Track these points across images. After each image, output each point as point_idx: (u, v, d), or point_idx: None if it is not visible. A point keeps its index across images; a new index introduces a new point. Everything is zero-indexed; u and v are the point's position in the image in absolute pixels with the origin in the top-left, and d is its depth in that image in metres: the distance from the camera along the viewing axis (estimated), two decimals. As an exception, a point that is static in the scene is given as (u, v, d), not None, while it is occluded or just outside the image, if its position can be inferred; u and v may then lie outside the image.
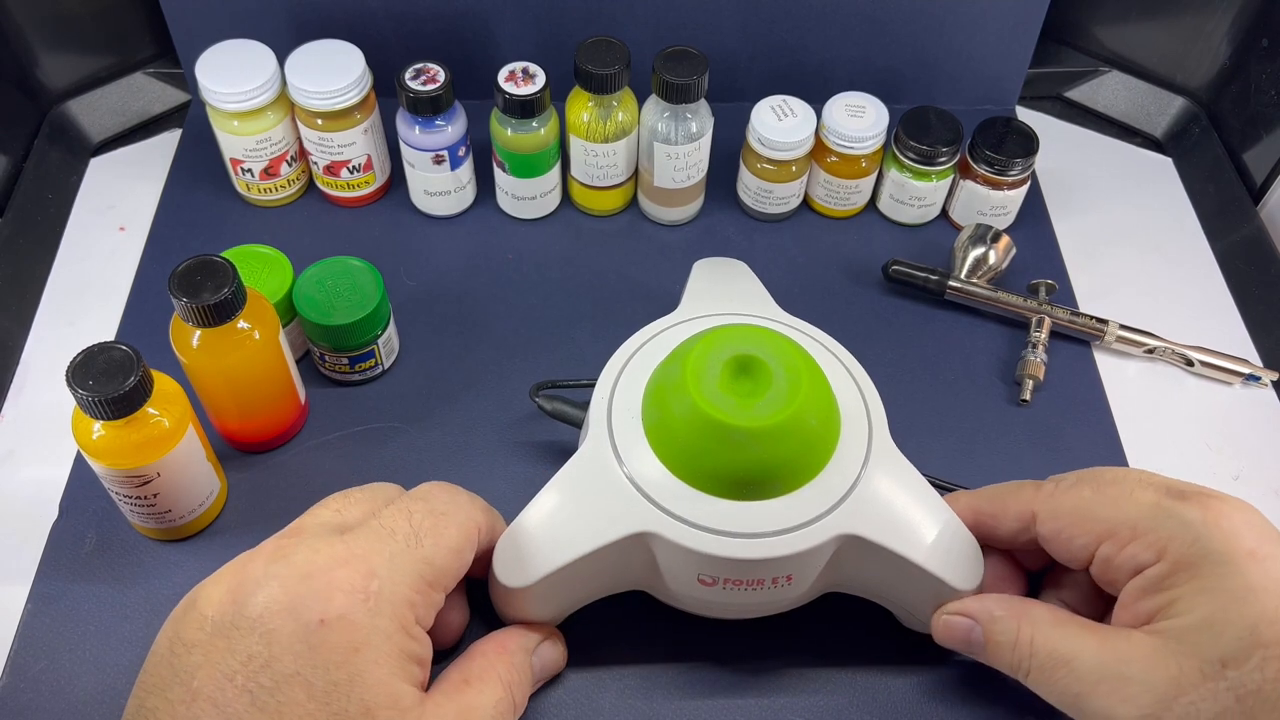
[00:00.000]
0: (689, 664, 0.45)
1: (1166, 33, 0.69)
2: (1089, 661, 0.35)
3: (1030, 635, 0.37)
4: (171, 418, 0.43)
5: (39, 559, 0.48)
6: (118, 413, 0.41)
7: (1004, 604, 0.39)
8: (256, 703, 0.30)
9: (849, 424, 0.41)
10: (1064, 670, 0.36)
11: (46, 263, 0.60)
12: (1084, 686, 0.35)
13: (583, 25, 0.63)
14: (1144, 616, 0.36)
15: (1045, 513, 0.40)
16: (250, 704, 0.30)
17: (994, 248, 0.58)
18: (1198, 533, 0.35)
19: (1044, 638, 0.37)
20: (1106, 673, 0.35)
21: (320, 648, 0.31)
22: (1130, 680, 0.34)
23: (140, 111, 0.68)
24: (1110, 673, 0.35)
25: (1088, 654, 0.35)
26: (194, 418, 0.45)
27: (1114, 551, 0.37)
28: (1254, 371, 0.56)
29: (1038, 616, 0.38)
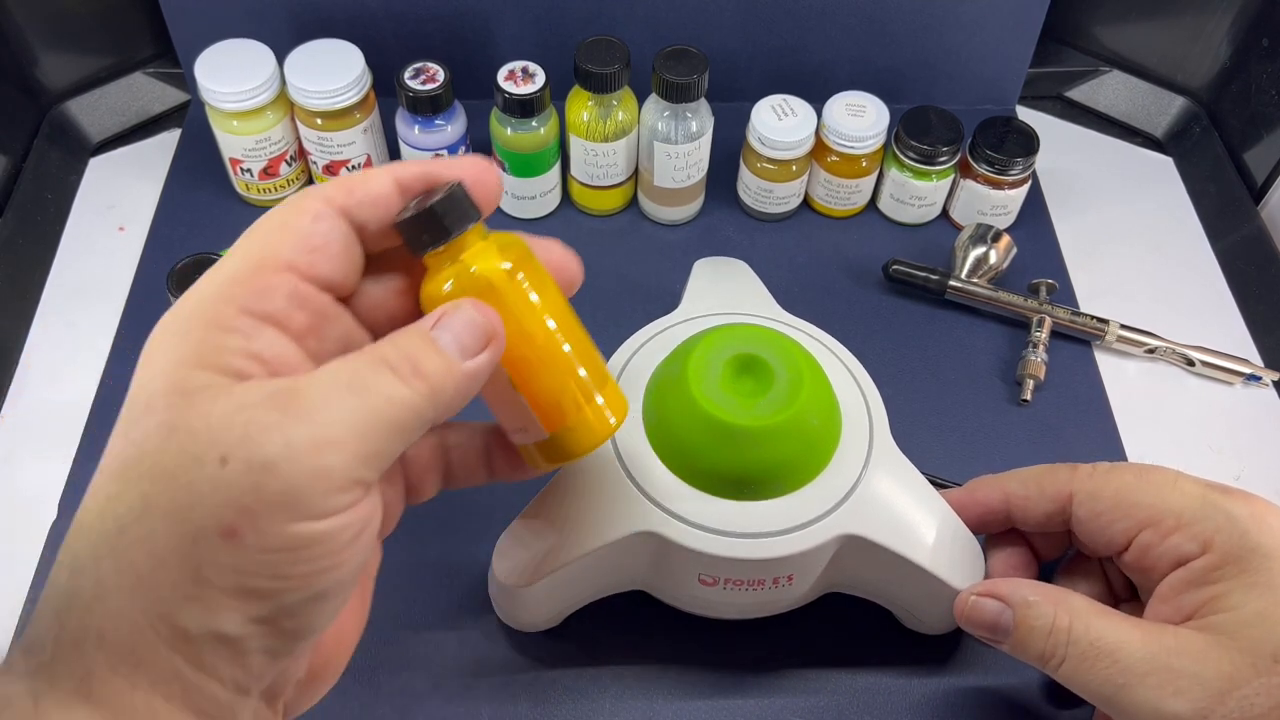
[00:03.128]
0: (689, 664, 0.45)
1: (1167, 32, 0.69)
2: (1136, 653, 0.35)
3: (1068, 622, 0.36)
4: None
5: (38, 559, 0.48)
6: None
7: (1039, 589, 0.38)
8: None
9: (850, 424, 0.41)
10: (1106, 661, 0.35)
11: (46, 262, 0.60)
12: (1130, 678, 0.34)
13: (582, 24, 0.63)
14: (1187, 610, 0.36)
15: (1084, 494, 0.39)
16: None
17: (994, 247, 0.58)
18: (1245, 527, 0.35)
19: (1084, 626, 0.36)
20: (1155, 665, 0.34)
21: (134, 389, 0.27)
22: (1181, 674, 0.34)
23: (140, 111, 0.68)
24: (1159, 665, 0.34)
25: (1134, 645, 0.35)
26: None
27: (1155, 540, 0.37)
28: (1255, 371, 0.56)
29: (1076, 604, 0.37)
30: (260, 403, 0.25)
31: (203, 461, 0.24)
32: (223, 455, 0.24)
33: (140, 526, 0.24)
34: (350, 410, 0.26)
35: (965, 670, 0.45)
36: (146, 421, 0.25)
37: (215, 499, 0.24)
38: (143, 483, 0.25)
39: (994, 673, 0.45)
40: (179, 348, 0.26)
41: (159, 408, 0.25)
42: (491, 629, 0.45)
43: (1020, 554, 0.43)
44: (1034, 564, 0.43)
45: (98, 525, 0.25)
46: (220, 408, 0.25)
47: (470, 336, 0.29)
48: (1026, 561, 0.43)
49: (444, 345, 0.28)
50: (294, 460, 0.25)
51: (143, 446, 0.25)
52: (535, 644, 0.45)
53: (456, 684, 0.44)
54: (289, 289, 0.28)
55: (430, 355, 0.28)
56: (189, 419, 0.25)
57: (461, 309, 0.29)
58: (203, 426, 0.25)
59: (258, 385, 0.26)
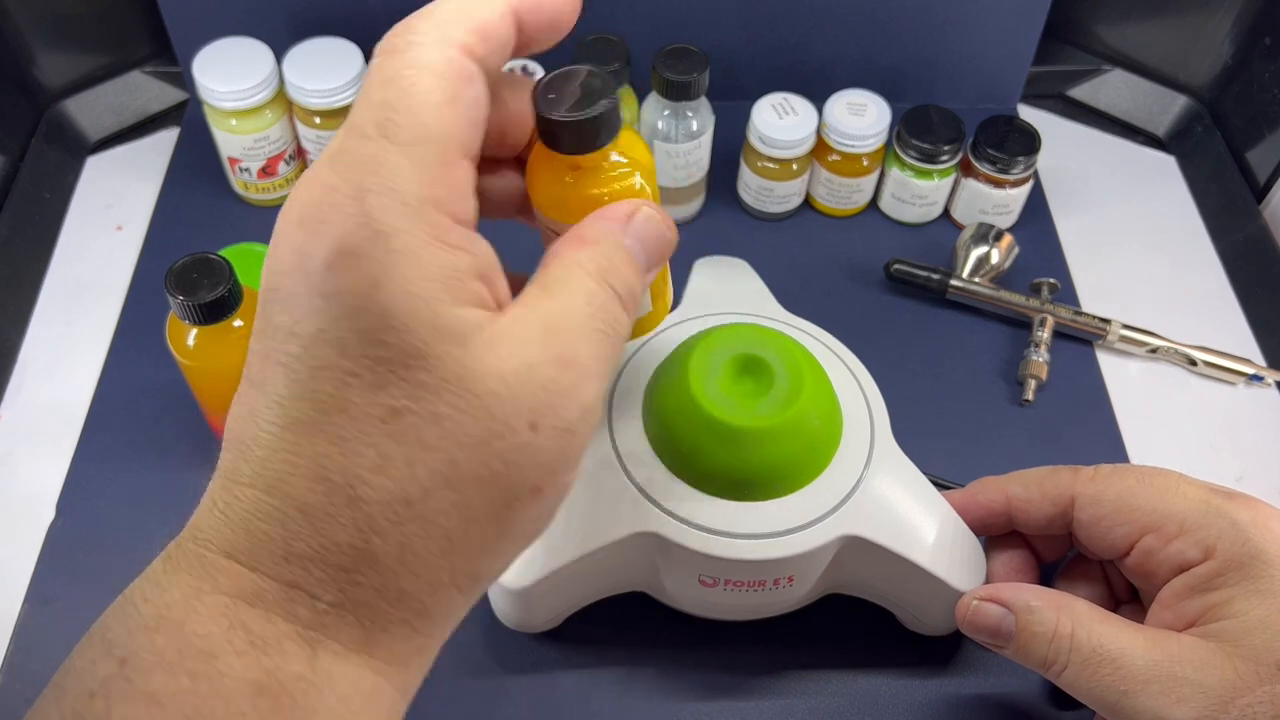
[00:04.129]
0: (689, 666, 0.45)
1: (1169, 31, 0.69)
2: (1139, 660, 0.34)
3: (1071, 628, 0.36)
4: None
5: (35, 560, 0.48)
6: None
7: (1041, 594, 0.38)
8: (290, 375, 0.25)
9: (851, 424, 0.41)
10: (1109, 668, 0.35)
11: (43, 262, 0.60)
12: (1132, 685, 0.34)
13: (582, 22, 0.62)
14: (1189, 617, 0.35)
15: (1086, 498, 0.39)
16: (285, 378, 0.25)
17: (996, 247, 0.58)
18: (1248, 533, 0.35)
19: (1087, 632, 0.36)
20: (1158, 672, 0.34)
21: (335, 296, 0.24)
22: (1184, 681, 0.33)
23: (138, 110, 0.68)
24: (1162, 673, 0.34)
25: (1137, 652, 0.35)
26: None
27: (1158, 545, 0.37)
28: (1257, 371, 0.56)
29: (1079, 610, 0.37)
30: (545, 361, 0.25)
31: (514, 429, 0.25)
32: (532, 422, 0.25)
33: (450, 492, 0.24)
34: (607, 359, 0.27)
35: (966, 672, 0.45)
36: (427, 377, 0.24)
37: (529, 464, 0.25)
38: (449, 448, 0.24)
39: (995, 675, 0.45)
40: (415, 271, 0.24)
41: (435, 357, 0.24)
42: (491, 629, 0.45)
43: (1021, 556, 0.43)
44: (1035, 566, 0.43)
45: (397, 491, 0.24)
46: (508, 364, 0.25)
47: (657, 252, 0.30)
48: (1027, 563, 0.43)
49: (635, 256, 0.29)
50: (587, 421, 0.26)
51: (436, 409, 0.24)
52: (535, 645, 0.45)
53: (455, 685, 0.44)
54: (471, 181, 0.26)
55: (630, 273, 0.28)
56: (484, 380, 0.24)
57: (653, 221, 0.29)
58: (503, 390, 0.24)
59: (519, 324, 0.25)
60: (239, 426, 0.26)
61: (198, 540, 0.25)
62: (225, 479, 0.26)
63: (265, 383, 0.25)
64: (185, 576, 0.25)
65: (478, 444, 0.24)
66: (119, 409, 0.53)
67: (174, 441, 0.52)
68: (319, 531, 0.24)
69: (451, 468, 0.24)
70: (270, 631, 0.24)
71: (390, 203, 0.24)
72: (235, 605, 0.24)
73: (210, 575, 0.24)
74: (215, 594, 0.24)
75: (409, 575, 0.25)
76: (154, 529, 0.48)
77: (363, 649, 0.25)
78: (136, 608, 0.24)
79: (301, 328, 0.25)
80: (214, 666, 0.23)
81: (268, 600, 0.24)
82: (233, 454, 0.26)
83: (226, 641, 0.24)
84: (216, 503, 0.26)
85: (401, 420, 0.24)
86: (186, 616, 0.24)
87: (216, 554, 0.25)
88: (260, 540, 0.25)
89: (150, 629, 0.24)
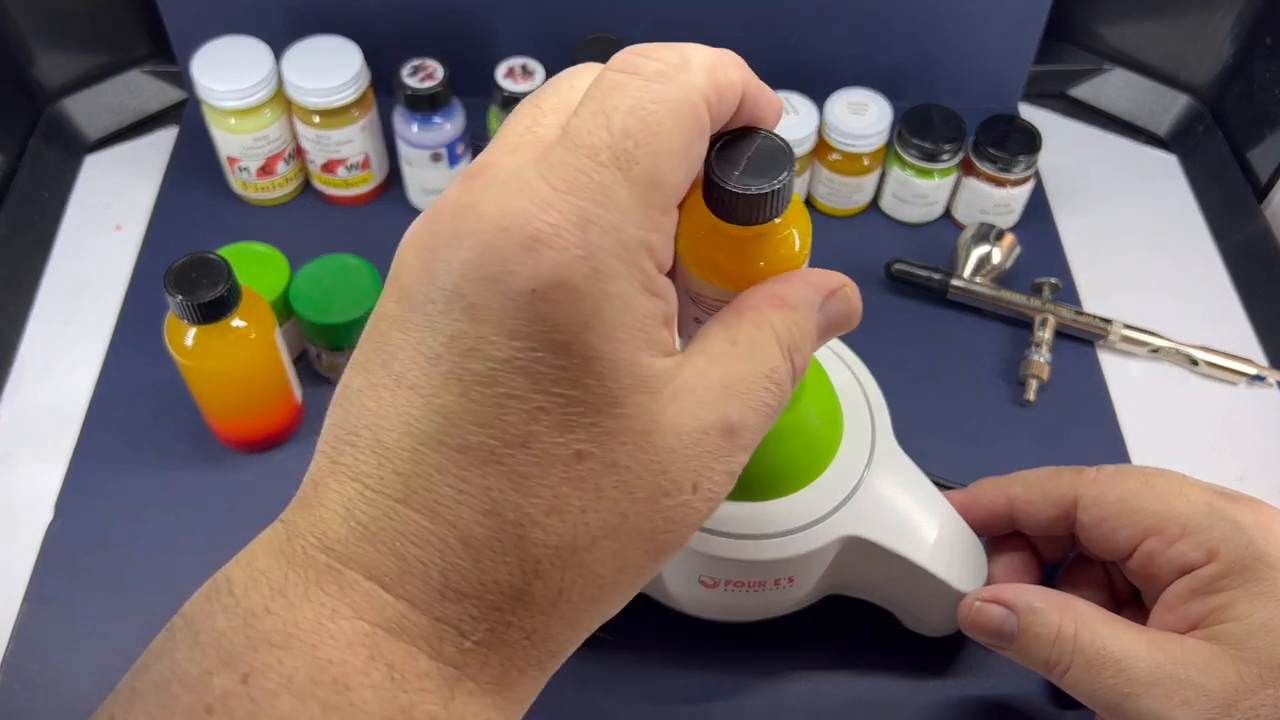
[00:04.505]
0: (689, 667, 0.45)
1: (1170, 30, 0.69)
2: (1142, 663, 0.34)
3: (1074, 630, 0.36)
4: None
5: (35, 560, 0.47)
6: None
7: (1044, 596, 0.38)
8: (468, 394, 0.23)
9: (852, 424, 0.41)
10: (1112, 669, 0.35)
11: (42, 261, 0.60)
12: (1136, 688, 0.34)
13: (582, 21, 0.63)
14: (1192, 619, 0.35)
15: (1089, 500, 0.39)
16: (461, 395, 0.23)
17: (997, 246, 0.58)
18: (1251, 536, 0.35)
19: (1090, 634, 0.36)
20: (1161, 675, 0.34)
21: (537, 325, 0.23)
22: (1187, 684, 0.33)
23: (136, 109, 0.68)
24: (1165, 675, 0.34)
25: (1140, 654, 0.35)
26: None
27: (1160, 548, 0.37)
28: (1259, 371, 0.56)
29: (1082, 612, 0.36)
30: (718, 426, 0.25)
31: (680, 489, 0.25)
32: (695, 484, 0.25)
33: (614, 543, 0.24)
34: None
35: (967, 673, 0.45)
36: (615, 425, 0.23)
37: (683, 524, 0.25)
38: (621, 500, 0.24)
39: (996, 676, 0.45)
40: (625, 317, 0.23)
41: (628, 407, 0.23)
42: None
43: (1022, 556, 0.43)
44: (1036, 566, 0.43)
45: (567, 537, 0.24)
46: (688, 422, 0.24)
47: (837, 331, 0.29)
48: (1029, 564, 0.43)
49: (821, 333, 0.28)
50: (729, 489, 0.26)
51: (616, 458, 0.24)
52: (534, 646, 0.45)
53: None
54: (674, 229, 0.25)
55: (810, 349, 0.28)
56: (665, 436, 0.24)
57: (849, 303, 0.29)
58: (679, 449, 0.24)
59: (703, 380, 0.25)
60: (378, 424, 0.24)
61: (328, 550, 0.23)
62: (361, 484, 0.24)
63: (429, 391, 0.23)
64: (318, 593, 0.23)
65: (648, 499, 0.24)
66: (118, 409, 0.53)
67: (173, 442, 0.51)
68: (481, 568, 0.23)
69: (620, 520, 0.24)
70: (411, 667, 0.23)
71: (612, 242, 0.23)
72: (375, 635, 0.22)
73: (348, 597, 0.23)
74: (355, 620, 0.22)
75: (559, 621, 0.24)
76: (153, 529, 0.49)
77: (496, 689, 0.24)
78: (257, 617, 0.22)
79: (492, 349, 0.23)
80: (348, 699, 0.22)
81: (412, 634, 0.23)
82: (368, 455, 0.24)
83: (363, 674, 0.22)
84: (354, 512, 0.23)
85: (583, 465, 0.23)
86: (320, 641, 0.22)
87: (356, 573, 0.23)
88: (414, 569, 0.23)
89: (277, 647, 0.22)
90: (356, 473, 0.24)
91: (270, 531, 0.24)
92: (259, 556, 0.24)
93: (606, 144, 0.23)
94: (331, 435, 0.25)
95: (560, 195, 0.23)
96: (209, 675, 0.22)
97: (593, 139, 0.23)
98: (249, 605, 0.22)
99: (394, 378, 0.24)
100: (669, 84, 0.24)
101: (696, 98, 0.24)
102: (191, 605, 0.23)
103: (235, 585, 0.23)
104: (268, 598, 0.23)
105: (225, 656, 0.22)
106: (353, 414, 0.24)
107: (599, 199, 0.23)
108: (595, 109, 0.24)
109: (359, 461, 0.24)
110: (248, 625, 0.22)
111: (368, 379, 0.25)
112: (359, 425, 0.24)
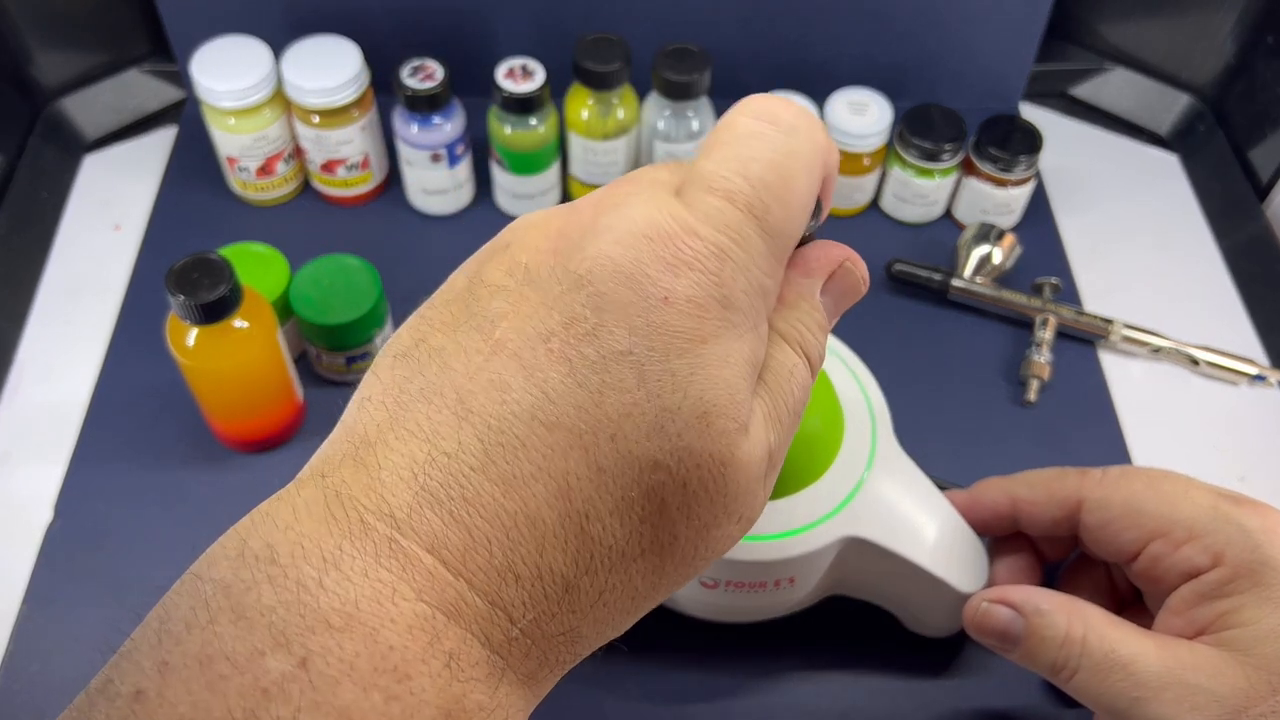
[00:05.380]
0: (689, 668, 0.44)
1: (1172, 29, 0.69)
2: (1152, 667, 0.34)
3: (1082, 633, 0.36)
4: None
5: (34, 561, 0.47)
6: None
7: (1051, 598, 0.37)
8: (575, 375, 0.23)
9: (852, 424, 0.41)
10: (1121, 673, 0.34)
11: (41, 261, 0.60)
12: (1145, 692, 0.34)
13: (582, 21, 0.63)
14: (1200, 624, 0.35)
15: (1094, 502, 0.39)
16: (568, 375, 0.23)
17: (998, 246, 0.58)
18: (1257, 540, 0.34)
19: (1099, 637, 0.35)
20: (1171, 679, 0.34)
21: (661, 329, 0.23)
22: (1197, 689, 0.33)
23: (135, 109, 0.68)
24: (1175, 679, 0.34)
25: (1149, 658, 0.34)
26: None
27: (1166, 551, 0.36)
28: (1260, 371, 0.56)
29: (1090, 615, 0.36)
30: (763, 457, 0.26)
31: (730, 520, 0.25)
32: (740, 514, 0.25)
33: (658, 559, 0.24)
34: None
35: (969, 674, 0.45)
36: (697, 444, 0.24)
37: (719, 549, 0.26)
38: (679, 522, 0.24)
39: (998, 677, 0.45)
40: (735, 346, 0.24)
41: (716, 429, 0.24)
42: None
43: (1025, 557, 0.42)
44: (1038, 566, 0.43)
45: (623, 540, 0.24)
46: (753, 454, 0.25)
47: (846, 305, 0.30)
48: (1031, 564, 0.42)
49: (828, 315, 0.29)
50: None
51: (686, 479, 0.24)
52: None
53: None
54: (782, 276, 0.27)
55: (821, 338, 0.28)
56: (736, 469, 0.25)
57: (851, 272, 0.29)
58: (744, 483, 0.25)
59: (759, 435, 0.26)
60: (466, 385, 0.23)
61: (388, 516, 0.22)
62: (433, 445, 0.23)
63: (534, 364, 0.23)
64: (378, 569, 0.21)
65: (701, 528, 0.25)
66: (117, 409, 0.53)
67: (173, 442, 0.51)
68: (541, 552, 0.22)
69: (671, 541, 0.24)
70: (466, 655, 0.22)
71: (743, 280, 0.24)
72: (435, 620, 0.21)
73: (409, 575, 0.21)
74: (416, 601, 0.21)
75: (593, 622, 0.24)
76: (153, 529, 0.48)
77: (528, 682, 0.24)
78: (310, 593, 0.21)
79: (610, 338, 0.23)
80: (408, 688, 0.21)
81: (469, 618, 0.22)
82: (448, 416, 0.23)
83: (423, 661, 0.21)
84: (422, 476, 0.22)
85: (655, 475, 0.23)
86: (381, 624, 0.21)
87: (418, 546, 0.22)
88: (479, 544, 0.22)
89: (336, 629, 0.20)
90: (429, 432, 0.23)
91: (307, 489, 0.23)
92: (301, 520, 0.22)
93: (743, 192, 0.25)
94: (394, 387, 0.24)
95: (702, 225, 0.24)
96: (261, 656, 0.20)
97: (729, 185, 0.25)
98: (299, 578, 0.21)
99: (492, 344, 0.24)
100: (801, 140, 0.25)
101: (818, 164, 0.26)
102: (220, 569, 0.21)
103: (279, 553, 0.21)
104: (320, 570, 0.21)
105: (279, 636, 0.20)
106: (433, 371, 0.23)
107: (736, 239, 0.24)
108: (731, 155, 0.25)
109: (434, 420, 0.23)
110: (300, 602, 0.20)
111: (455, 340, 0.24)
112: (441, 384, 0.23)
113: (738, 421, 0.24)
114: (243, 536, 0.22)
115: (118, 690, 0.20)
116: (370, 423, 0.24)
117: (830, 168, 0.28)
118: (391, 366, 0.25)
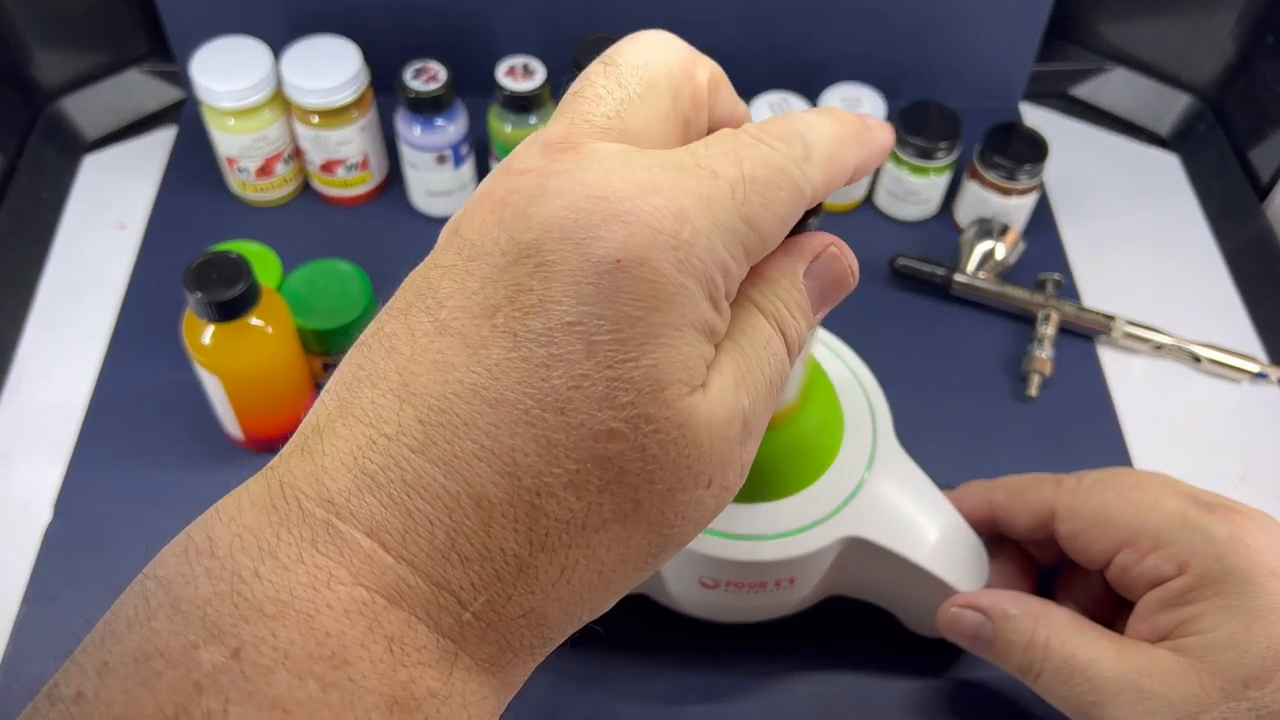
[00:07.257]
0: (689, 668, 0.44)
1: (1172, 29, 0.69)
2: (1108, 671, 0.35)
3: (1046, 638, 0.37)
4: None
5: (33, 561, 0.47)
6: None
7: (1018, 602, 0.38)
8: (520, 349, 0.22)
9: (853, 424, 0.41)
10: (1080, 678, 0.35)
11: (40, 261, 0.60)
12: (1101, 696, 0.35)
13: (582, 20, 0.62)
14: (1163, 630, 0.35)
15: (1065, 511, 0.39)
16: (511, 349, 0.22)
17: (1001, 242, 0.58)
18: (1222, 549, 0.35)
19: (1060, 642, 0.36)
20: (1126, 684, 0.34)
21: (612, 295, 0.22)
22: (1150, 695, 0.34)
23: (135, 109, 0.68)
24: (1129, 684, 0.34)
25: (1107, 663, 0.35)
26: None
27: (1133, 560, 0.37)
28: (1261, 369, 0.56)
29: (1055, 619, 0.37)
30: (735, 418, 0.24)
31: (697, 483, 0.24)
32: (710, 479, 0.24)
33: (622, 529, 0.23)
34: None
35: (969, 674, 0.45)
36: (654, 411, 0.23)
37: (691, 519, 0.25)
38: (640, 488, 0.23)
39: (998, 677, 0.45)
40: (689, 305, 0.23)
41: (671, 394, 0.23)
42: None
43: (1018, 561, 0.43)
44: (1032, 570, 0.43)
45: (580, 514, 0.23)
46: (716, 415, 0.24)
47: (831, 297, 0.29)
48: (1024, 567, 0.43)
49: (811, 299, 0.28)
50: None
51: (646, 445, 0.23)
52: (535, 647, 0.45)
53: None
54: (740, 279, 0.26)
55: (802, 320, 0.27)
56: (696, 429, 0.23)
57: (836, 258, 0.29)
58: (705, 443, 0.24)
59: (721, 376, 0.25)
60: (409, 368, 0.22)
61: (326, 502, 0.21)
62: (374, 429, 0.22)
63: (477, 341, 0.22)
64: (314, 554, 0.21)
65: (665, 492, 0.23)
66: (117, 410, 0.53)
67: (172, 442, 0.51)
68: (489, 532, 0.22)
69: (634, 508, 0.23)
70: (410, 639, 0.21)
71: (702, 246, 0.23)
72: (374, 603, 0.21)
73: (346, 559, 0.21)
74: (353, 585, 0.21)
75: (556, 602, 0.23)
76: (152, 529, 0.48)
77: (490, 669, 0.23)
78: (245, 583, 0.20)
79: (557, 309, 0.22)
80: (346, 674, 0.20)
81: (411, 601, 0.21)
82: (389, 399, 0.22)
83: (363, 647, 0.20)
84: (361, 459, 0.22)
85: (612, 444, 0.22)
86: (317, 610, 0.20)
87: (356, 530, 0.21)
88: (420, 526, 0.21)
89: (270, 618, 0.20)
90: (372, 416, 0.22)
91: (256, 483, 0.22)
92: (245, 512, 0.22)
93: (729, 175, 0.24)
94: (348, 376, 0.23)
95: (667, 188, 0.23)
96: (195, 649, 0.20)
97: (717, 165, 0.24)
98: (235, 569, 0.21)
99: (438, 324, 0.23)
100: (796, 166, 0.25)
101: (811, 192, 0.26)
102: (165, 567, 0.21)
103: (218, 545, 0.21)
104: (256, 560, 0.21)
105: (212, 628, 0.20)
106: (380, 355, 0.23)
107: (703, 206, 0.23)
108: (729, 148, 0.25)
109: (377, 405, 0.22)
110: (235, 592, 0.20)
111: (405, 323, 0.23)
112: (386, 368, 0.23)
113: (691, 384, 0.23)
114: (189, 533, 0.22)
115: (60, 693, 0.21)
116: (323, 412, 0.23)
117: (834, 187, 0.27)
118: (349, 356, 0.24)
